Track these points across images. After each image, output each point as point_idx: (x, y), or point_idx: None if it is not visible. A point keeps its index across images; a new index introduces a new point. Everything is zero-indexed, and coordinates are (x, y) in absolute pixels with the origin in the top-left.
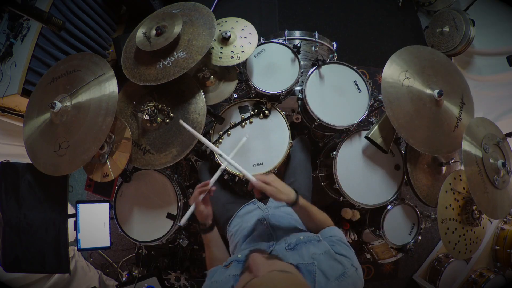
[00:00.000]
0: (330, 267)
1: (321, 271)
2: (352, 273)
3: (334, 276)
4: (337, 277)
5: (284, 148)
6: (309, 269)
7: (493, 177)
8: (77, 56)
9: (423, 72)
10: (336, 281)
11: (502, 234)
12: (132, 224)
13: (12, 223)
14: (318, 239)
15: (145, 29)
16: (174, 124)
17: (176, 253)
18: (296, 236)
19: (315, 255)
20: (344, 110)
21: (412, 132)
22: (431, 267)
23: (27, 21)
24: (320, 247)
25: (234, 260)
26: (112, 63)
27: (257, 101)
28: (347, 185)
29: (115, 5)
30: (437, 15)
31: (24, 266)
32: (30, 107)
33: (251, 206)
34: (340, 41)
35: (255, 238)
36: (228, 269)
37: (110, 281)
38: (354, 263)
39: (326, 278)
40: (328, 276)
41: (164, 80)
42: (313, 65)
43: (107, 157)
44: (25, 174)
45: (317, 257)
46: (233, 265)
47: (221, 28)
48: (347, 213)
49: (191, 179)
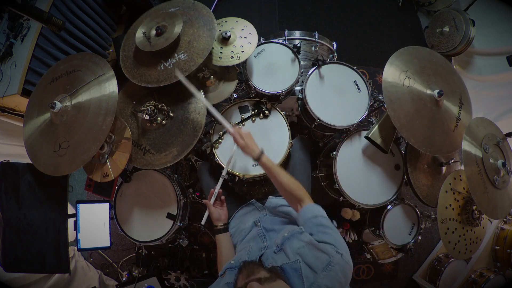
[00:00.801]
0: (315, 259)
1: (306, 265)
2: (338, 260)
3: (321, 268)
4: (323, 268)
5: (284, 148)
6: (294, 267)
7: (493, 177)
8: (77, 56)
9: (423, 72)
10: (324, 272)
11: (502, 234)
12: (132, 224)
13: (12, 223)
14: (300, 231)
15: (145, 29)
16: (174, 124)
17: (176, 253)
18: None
19: (299, 250)
20: (344, 110)
21: (413, 132)
22: (431, 267)
23: (27, 21)
24: (302, 239)
25: (228, 268)
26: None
27: (257, 101)
28: (347, 185)
29: (115, 5)
30: (437, 15)
31: (24, 266)
32: (30, 107)
33: (250, 207)
34: (340, 41)
35: (249, 240)
36: (223, 278)
37: (110, 281)
38: (339, 249)
39: (313, 272)
40: (314, 269)
41: (166, 82)
42: (313, 65)
43: (107, 157)
44: (25, 174)
45: (301, 251)
46: (227, 273)
47: (221, 28)
48: (347, 213)
49: (191, 179)
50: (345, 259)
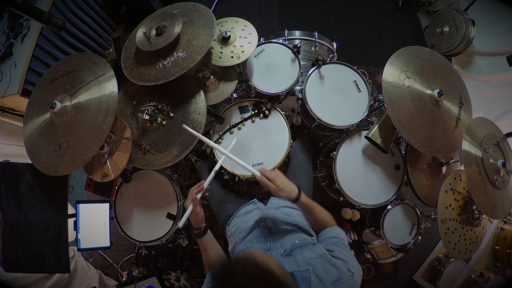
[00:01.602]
0: (325, 272)
1: (316, 276)
2: (348, 278)
3: (330, 282)
4: (333, 282)
5: (284, 148)
6: (304, 276)
7: (493, 177)
8: (77, 56)
9: (423, 72)
10: (332, 286)
11: (502, 234)
12: (132, 224)
13: (12, 223)
14: (313, 242)
15: (145, 29)
16: (174, 124)
17: (176, 253)
18: (291, 241)
19: (311, 260)
20: (344, 110)
21: (413, 132)
22: (431, 267)
23: (27, 21)
24: (315, 251)
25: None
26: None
27: (257, 101)
28: (347, 185)
29: (115, 5)
30: (437, 15)
31: (24, 266)
32: (30, 107)
33: (251, 206)
34: (340, 41)
35: (251, 239)
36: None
37: (110, 281)
38: (351, 267)
39: (321, 284)
40: (323, 281)
41: (163, 80)
42: (313, 65)
43: (107, 157)
44: (25, 174)
45: (312, 261)
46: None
47: (221, 28)
48: (347, 213)
49: (191, 179)
50: (355, 278)
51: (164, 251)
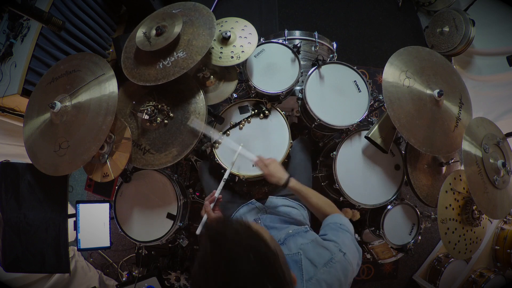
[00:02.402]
0: (317, 255)
1: (308, 259)
2: (339, 258)
3: (322, 263)
4: (325, 263)
5: (284, 148)
6: (295, 259)
7: (493, 177)
8: (77, 56)
9: (423, 72)
10: (324, 267)
11: (502, 234)
12: (132, 224)
13: (12, 223)
14: (306, 230)
15: (145, 29)
16: (174, 124)
17: (176, 253)
18: (285, 231)
19: (303, 245)
20: (344, 110)
21: (413, 132)
22: (431, 267)
23: (27, 21)
24: (307, 237)
25: None
26: (112, 63)
27: (257, 101)
28: (347, 185)
29: (115, 5)
30: (437, 15)
31: (24, 266)
32: (30, 107)
33: (250, 206)
34: (340, 41)
35: None
36: None
37: (110, 281)
38: (343, 248)
39: (314, 266)
40: (315, 263)
41: (164, 80)
42: (313, 65)
43: (107, 157)
44: (25, 174)
45: (304, 246)
46: None
47: (221, 28)
48: (347, 213)
49: (191, 179)
50: (347, 258)
51: (164, 251)
